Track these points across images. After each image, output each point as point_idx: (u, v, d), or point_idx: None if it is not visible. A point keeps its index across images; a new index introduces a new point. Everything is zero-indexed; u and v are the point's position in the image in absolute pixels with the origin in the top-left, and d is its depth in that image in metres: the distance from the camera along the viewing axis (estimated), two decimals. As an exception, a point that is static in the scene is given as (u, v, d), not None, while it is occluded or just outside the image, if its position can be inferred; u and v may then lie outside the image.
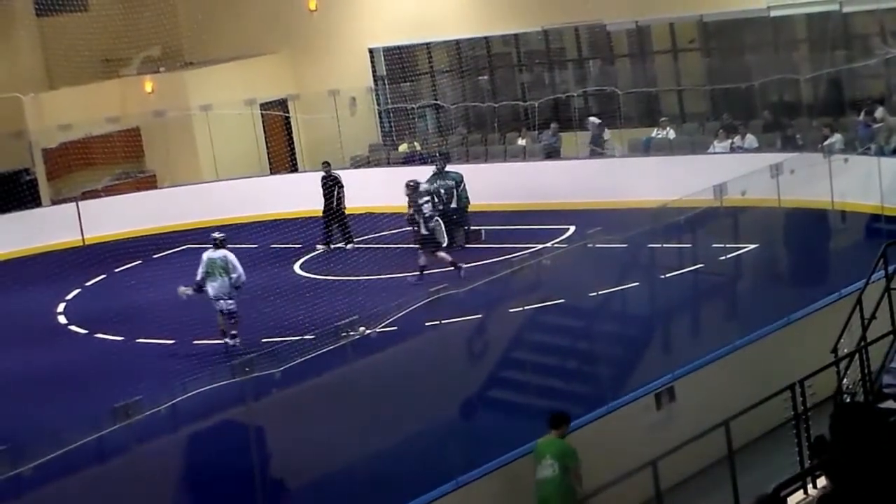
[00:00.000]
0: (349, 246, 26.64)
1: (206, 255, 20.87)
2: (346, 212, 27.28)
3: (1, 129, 32.55)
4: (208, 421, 14.92)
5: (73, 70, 34.31)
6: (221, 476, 14.52)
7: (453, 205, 25.67)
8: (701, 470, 13.88)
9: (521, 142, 30.99)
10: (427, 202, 23.93)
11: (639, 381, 14.97)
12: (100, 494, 13.60)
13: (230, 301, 20.55)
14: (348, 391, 15.21)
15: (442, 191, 25.72)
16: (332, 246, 26.78)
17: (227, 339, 20.56)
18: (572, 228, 24.85)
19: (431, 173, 26.23)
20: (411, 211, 24.13)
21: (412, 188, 24.28)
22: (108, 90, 33.71)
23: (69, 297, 25.05)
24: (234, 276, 20.61)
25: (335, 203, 27.09)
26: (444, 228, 25.12)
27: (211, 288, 20.59)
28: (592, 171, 28.18)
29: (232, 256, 20.82)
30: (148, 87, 33.87)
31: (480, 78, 32.97)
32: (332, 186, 27.17)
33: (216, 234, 21.25)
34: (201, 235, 28.07)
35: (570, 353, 17.03)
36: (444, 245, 25.02)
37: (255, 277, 25.01)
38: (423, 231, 23.57)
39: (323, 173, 27.57)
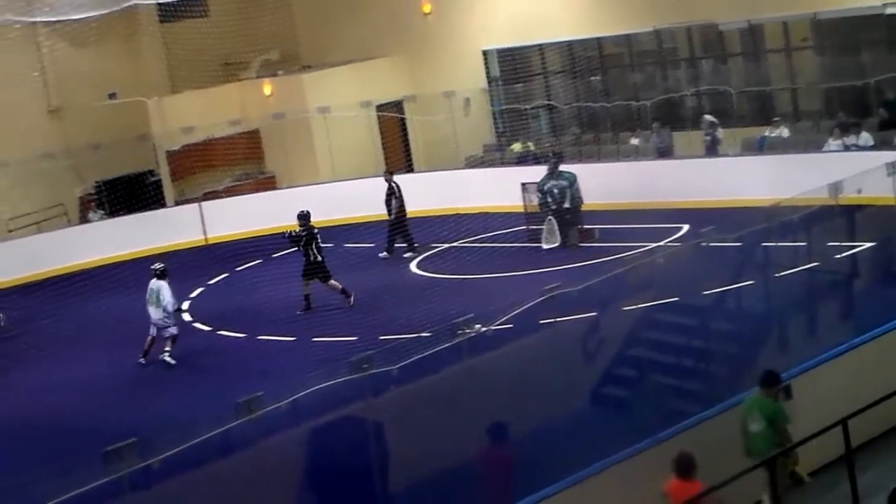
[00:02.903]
0: (410, 254, 26.70)
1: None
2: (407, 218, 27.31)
3: (127, 133, 33.37)
4: (328, 417, 15.11)
5: (195, 74, 34.99)
6: (341, 471, 14.67)
7: (567, 204, 25.78)
8: (818, 469, 13.87)
9: (634, 141, 31.00)
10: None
11: (754, 379, 14.96)
12: (223, 487, 13.82)
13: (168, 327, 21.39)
14: (464, 389, 15.30)
15: (555, 190, 25.87)
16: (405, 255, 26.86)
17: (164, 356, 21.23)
18: (686, 227, 24.76)
19: (545, 173, 26.39)
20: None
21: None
22: (228, 93, 34.41)
23: (193, 294, 25.59)
24: (164, 304, 21.34)
25: (395, 212, 27.11)
26: (557, 227, 25.33)
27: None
28: (706, 170, 28.05)
29: (165, 288, 21.45)
30: (267, 90, 34.45)
31: (593, 78, 32.98)
32: (389, 196, 27.22)
33: (155, 266, 22.05)
34: (321, 235, 28.60)
35: (684, 351, 16.98)
36: (557, 244, 25.22)
37: (372, 276, 25.46)
38: None
39: (385, 182, 27.54)
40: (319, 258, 23.43)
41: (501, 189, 27.94)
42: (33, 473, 15.71)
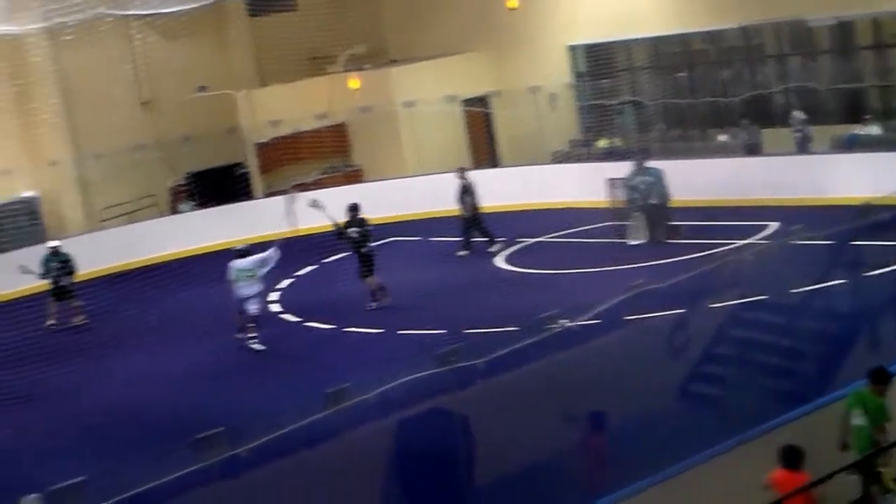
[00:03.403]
0: (494, 248, 26.67)
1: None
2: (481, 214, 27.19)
3: (216, 125, 33.86)
4: (415, 409, 15.23)
5: (283, 68, 35.41)
6: (427, 463, 14.76)
7: (653, 200, 25.70)
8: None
9: (722, 138, 30.83)
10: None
11: (844, 379, 14.83)
12: (310, 477, 13.98)
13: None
14: (550, 383, 15.38)
15: (642, 186, 25.80)
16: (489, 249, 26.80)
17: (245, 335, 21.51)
18: (774, 225, 24.59)
19: (631, 169, 26.34)
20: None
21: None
22: (315, 87, 34.69)
23: (282, 286, 25.85)
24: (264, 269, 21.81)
25: (470, 209, 27.07)
26: (644, 223, 25.27)
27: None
28: (795, 167, 27.82)
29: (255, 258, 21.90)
30: (354, 84, 34.69)
31: (679, 75, 32.88)
32: (463, 192, 27.16)
33: (239, 247, 22.55)
34: (406, 228, 28.79)
35: (772, 349, 16.89)
36: (644, 241, 25.16)
37: (458, 270, 25.58)
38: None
39: (458, 180, 27.49)
40: (371, 252, 23.46)
41: (587, 185, 27.93)
42: (125, 460, 16.07)
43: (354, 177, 34.49)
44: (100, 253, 30.14)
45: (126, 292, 26.80)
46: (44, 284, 25.76)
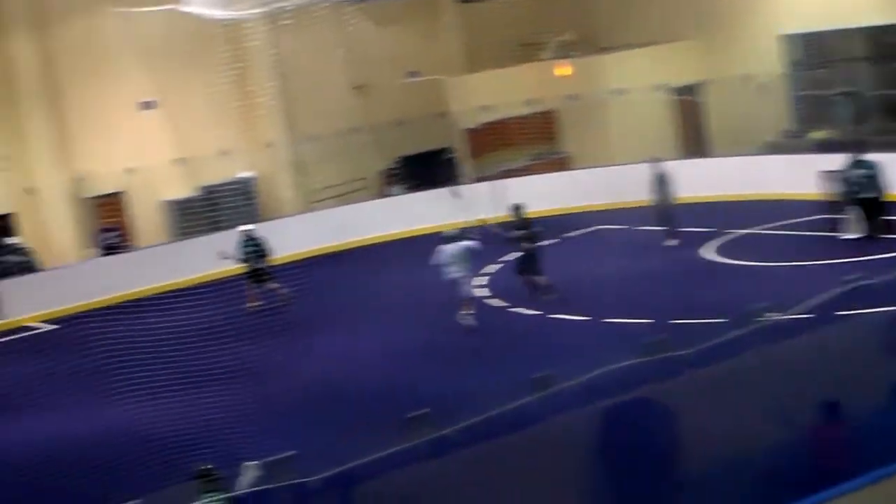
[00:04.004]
0: (671, 242, 26.34)
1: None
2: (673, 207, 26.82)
3: (426, 110, 34.29)
4: (620, 397, 15.22)
5: (493, 54, 35.68)
6: (631, 452, 14.76)
7: (868, 194, 25.04)
8: None
9: (944, 131, 29.87)
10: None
11: None
12: (513, 461, 14.06)
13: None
14: (758, 376, 15.18)
15: (857, 179, 25.17)
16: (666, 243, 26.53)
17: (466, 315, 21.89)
18: None
19: (846, 161, 25.71)
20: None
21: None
22: (524, 74, 34.82)
23: (490, 271, 26.05)
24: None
25: (665, 199, 26.70)
26: (862, 217, 24.66)
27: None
28: None
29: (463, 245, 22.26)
30: (563, 71, 34.68)
31: (899, 65, 31.98)
32: (659, 182, 26.80)
33: (450, 232, 22.85)
34: (613, 217, 28.68)
35: None
36: (860, 235, 24.56)
37: (665, 260, 25.42)
38: None
39: (652, 170, 27.09)
40: (535, 251, 23.44)
41: (799, 176, 27.37)
42: (338, 435, 16.48)
43: (562, 164, 34.51)
44: (312, 234, 30.96)
45: (338, 273, 27.41)
46: (242, 268, 26.34)
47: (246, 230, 26.59)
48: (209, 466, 12.85)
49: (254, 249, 26.06)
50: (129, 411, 19.19)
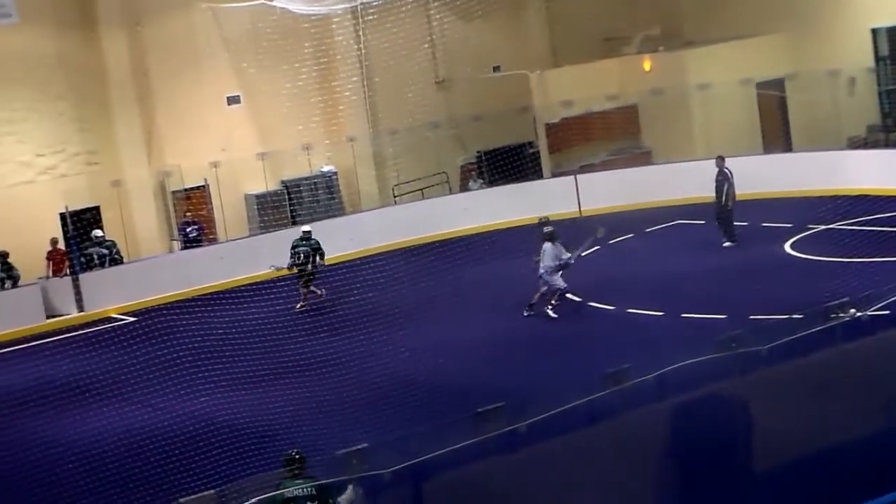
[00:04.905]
0: (727, 244, 26.07)
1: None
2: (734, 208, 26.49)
3: (508, 105, 34.30)
4: (694, 393, 15.14)
5: (576, 49, 35.63)
6: (704, 449, 14.69)
7: None
8: None
9: None
10: None
11: None
12: (587, 456, 14.03)
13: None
14: (836, 374, 15.01)
15: None
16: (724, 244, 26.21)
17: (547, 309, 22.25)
18: None
19: None
20: None
21: None
22: (607, 68, 34.74)
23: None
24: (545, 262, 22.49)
25: (724, 200, 26.35)
26: None
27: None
28: None
29: (548, 248, 22.56)
30: (647, 65, 34.54)
31: None
32: (721, 182, 26.46)
33: (546, 229, 23.24)
34: (693, 212, 28.52)
35: None
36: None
37: (743, 255, 25.24)
38: None
39: (716, 168, 26.73)
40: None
41: (885, 172, 27.04)
42: (410, 428, 16.56)
43: (643, 159, 34.35)
44: (393, 227, 31.13)
45: (416, 266, 27.52)
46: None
47: (305, 230, 26.83)
48: (298, 452, 12.99)
49: (310, 251, 26.28)
50: (207, 403, 19.52)
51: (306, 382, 20.03)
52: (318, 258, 26.40)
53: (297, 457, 12.89)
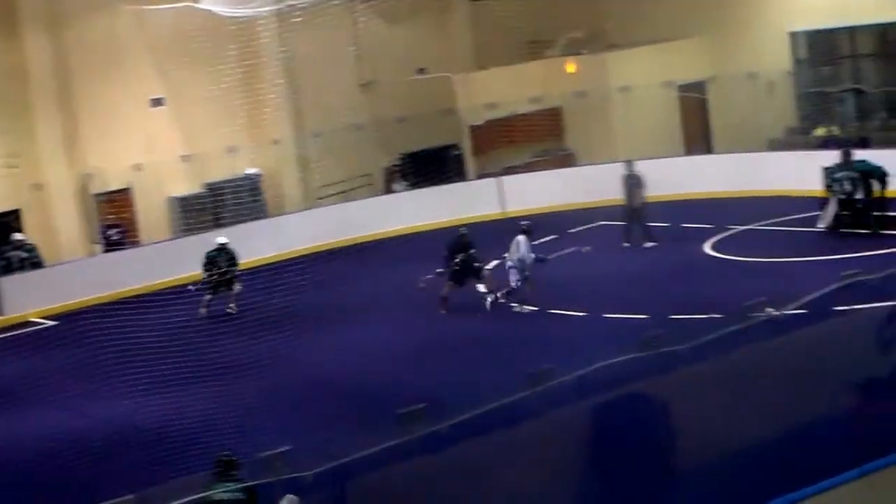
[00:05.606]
0: (649, 244, 26.42)
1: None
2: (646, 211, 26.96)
3: (433, 107, 34.35)
4: (615, 392, 15.26)
5: (501, 51, 35.73)
6: (624, 447, 14.82)
7: (857, 195, 24.94)
8: None
9: (948, 128, 29.82)
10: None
11: None
12: (508, 456, 14.08)
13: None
14: (754, 372, 15.18)
15: (846, 183, 25.06)
16: (645, 245, 26.54)
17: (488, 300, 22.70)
18: None
19: (836, 161, 25.60)
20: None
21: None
22: (531, 71, 34.86)
23: (488, 267, 26.01)
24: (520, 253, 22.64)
25: (635, 202, 26.79)
26: (835, 210, 24.68)
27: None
28: None
29: (523, 241, 22.63)
30: (570, 68, 34.72)
31: (905, 62, 31.93)
32: (634, 185, 26.88)
33: (523, 222, 23.37)
34: (615, 213, 28.70)
35: None
36: (826, 227, 24.61)
37: (663, 256, 25.47)
38: None
39: (625, 171, 27.20)
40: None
41: (802, 173, 27.40)
42: (333, 430, 16.56)
43: (566, 160, 34.54)
44: (317, 229, 31.06)
45: (339, 269, 27.49)
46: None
47: (221, 242, 26.44)
48: (228, 455, 12.90)
49: (227, 261, 26.11)
50: (129, 406, 19.35)
51: (229, 385, 19.93)
52: (234, 267, 26.24)
53: (227, 459, 12.81)
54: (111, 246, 30.73)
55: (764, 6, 33.84)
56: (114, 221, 31.36)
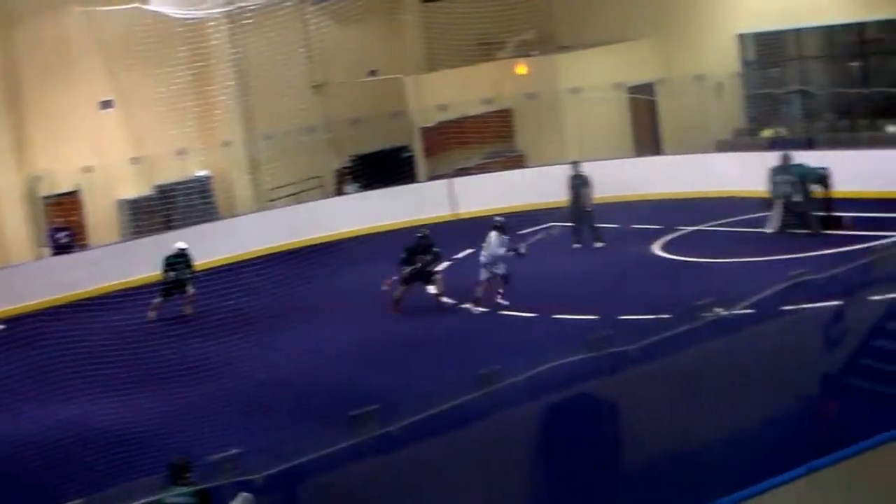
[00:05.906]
0: (598, 244, 26.69)
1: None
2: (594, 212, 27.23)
3: (384, 109, 34.39)
4: (564, 393, 15.33)
5: (452, 53, 35.75)
6: (574, 447, 14.83)
7: (796, 198, 25.19)
8: None
9: (893, 129, 30.13)
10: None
11: None
12: (459, 457, 14.11)
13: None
14: (702, 372, 15.32)
15: (785, 186, 25.31)
16: (595, 245, 26.79)
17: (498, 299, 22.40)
18: (944, 219, 23.99)
19: (776, 164, 25.81)
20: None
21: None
22: (482, 72, 34.95)
23: (439, 268, 26.04)
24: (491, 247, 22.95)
25: (583, 202, 27.06)
26: (780, 213, 24.96)
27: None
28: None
29: (494, 236, 22.94)
30: (521, 69, 34.84)
31: (851, 64, 32.19)
32: (580, 185, 27.16)
33: (497, 218, 23.65)
34: (566, 215, 28.84)
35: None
36: (774, 230, 24.87)
37: (614, 257, 25.62)
38: None
39: (571, 172, 27.46)
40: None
41: (750, 174, 27.61)
42: (287, 432, 16.56)
43: (517, 162, 34.66)
44: (268, 231, 31.01)
45: (290, 271, 27.44)
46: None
47: (181, 248, 26.32)
48: (182, 459, 12.86)
49: (184, 266, 26.06)
50: (78, 410, 19.25)
51: (180, 388, 19.88)
52: (188, 269, 26.18)
53: (180, 463, 12.77)
54: (59, 249, 30.52)
55: (712, 8, 34.09)
56: (62, 224, 31.15)
